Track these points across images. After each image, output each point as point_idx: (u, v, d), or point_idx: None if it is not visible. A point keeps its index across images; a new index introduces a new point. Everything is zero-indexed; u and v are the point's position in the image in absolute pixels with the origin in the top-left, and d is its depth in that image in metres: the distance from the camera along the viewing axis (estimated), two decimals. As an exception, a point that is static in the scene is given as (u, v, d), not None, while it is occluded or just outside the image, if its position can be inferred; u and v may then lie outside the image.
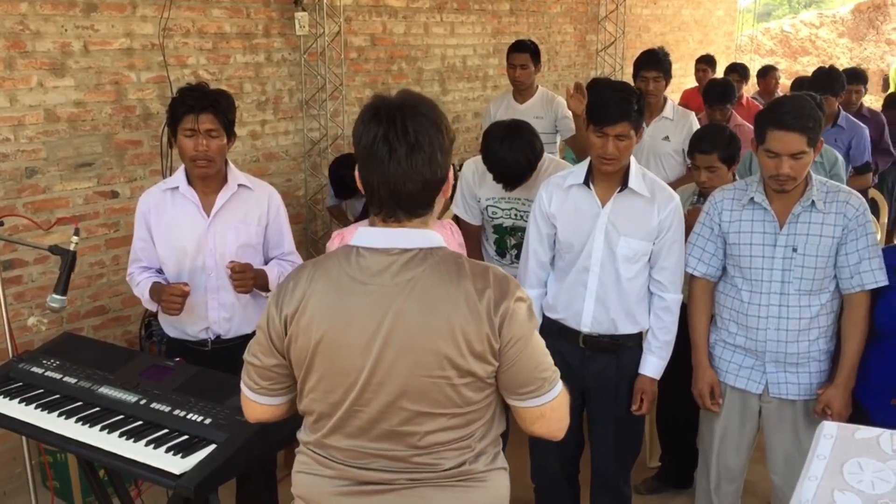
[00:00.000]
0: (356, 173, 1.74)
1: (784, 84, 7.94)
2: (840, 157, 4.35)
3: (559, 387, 1.78)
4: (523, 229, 3.32)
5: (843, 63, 14.10)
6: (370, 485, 1.76)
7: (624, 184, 2.81)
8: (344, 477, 1.78)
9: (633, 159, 2.84)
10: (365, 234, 1.72)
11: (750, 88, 10.12)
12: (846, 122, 5.26)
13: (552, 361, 1.77)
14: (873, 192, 5.84)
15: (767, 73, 7.88)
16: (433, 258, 1.68)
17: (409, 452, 1.74)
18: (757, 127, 2.72)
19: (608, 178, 2.82)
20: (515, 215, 3.39)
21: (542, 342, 1.75)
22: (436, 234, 1.72)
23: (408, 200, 1.67)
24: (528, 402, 1.75)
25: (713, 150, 3.42)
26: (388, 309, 1.66)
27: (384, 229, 1.71)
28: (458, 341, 1.64)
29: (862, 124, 5.36)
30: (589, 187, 2.85)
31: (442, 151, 1.68)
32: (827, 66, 5.70)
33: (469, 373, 1.67)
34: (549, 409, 1.77)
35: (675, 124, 4.54)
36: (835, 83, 5.26)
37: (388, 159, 1.63)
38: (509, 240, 3.43)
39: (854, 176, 5.27)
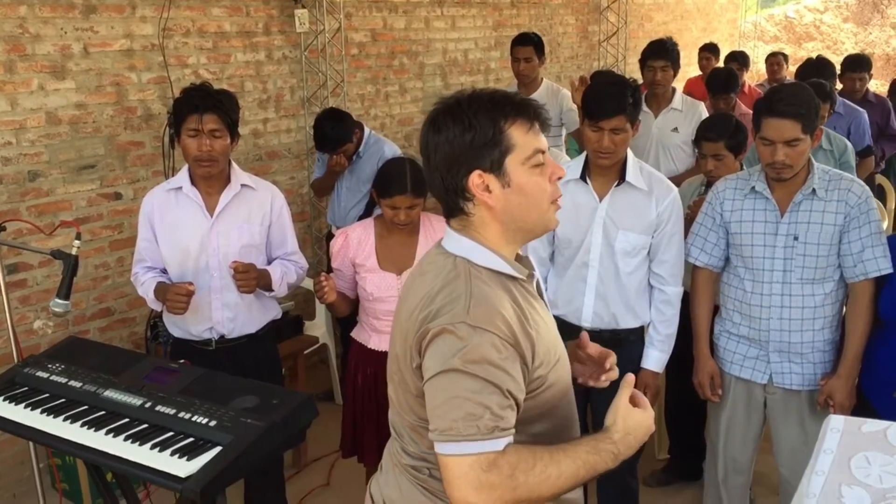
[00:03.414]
0: None
1: (791, 71, 7.89)
2: (850, 146, 4.32)
3: (450, 449, 1.46)
4: None
5: (847, 48, 14.02)
6: (391, 450, 1.81)
7: (621, 177, 2.79)
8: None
9: (630, 153, 2.83)
10: None
11: (754, 76, 10.07)
12: (844, 108, 5.22)
13: (463, 417, 1.45)
14: (880, 178, 5.80)
15: (768, 59, 7.85)
16: (447, 260, 1.62)
17: (395, 435, 1.77)
18: (754, 115, 2.73)
19: (605, 172, 2.81)
20: None
21: (459, 389, 1.47)
22: (469, 244, 1.61)
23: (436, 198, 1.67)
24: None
25: (720, 138, 3.43)
26: (408, 296, 1.68)
27: (447, 227, 1.69)
28: (404, 342, 1.61)
29: (860, 109, 5.32)
30: (586, 182, 2.84)
31: (438, 154, 1.58)
32: (814, 57, 5.64)
33: (407, 381, 1.62)
34: (440, 461, 1.49)
35: (683, 115, 4.52)
36: (824, 72, 5.20)
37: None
38: None
39: (856, 162, 5.23)
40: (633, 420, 1.59)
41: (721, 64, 7.22)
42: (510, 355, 1.50)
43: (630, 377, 1.64)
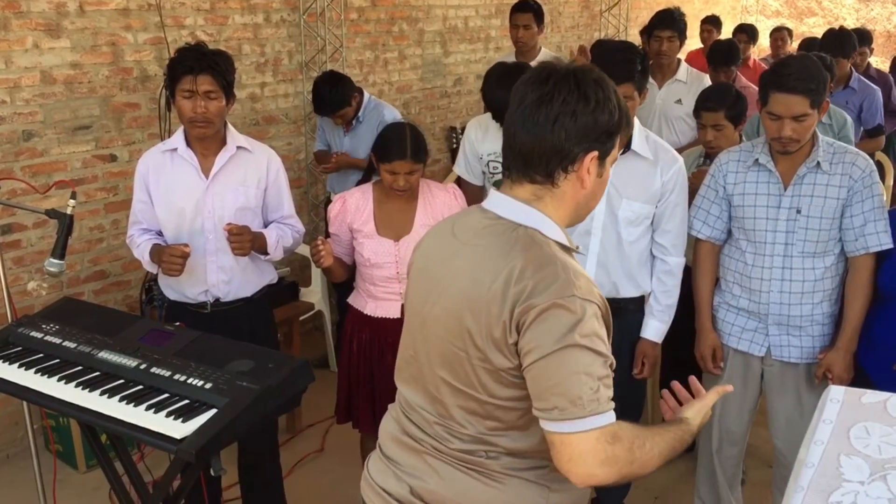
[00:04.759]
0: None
1: (793, 47, 7.81)
2: (849, 119, 4.29)
3: (577, 426, 1.46)
4: None
5: (849, 24, 13.91)
6: (408, 438, 1.77)
7: (627, 146, 2.76)
8: (399, 423, 1.81)
9: (636, 121, 2.79)
10: (490, 194, 1.71)
11: (755, 51, 9.96)
12: (858, 84, 5.18)
13: (587, 392, 1.45)
14: (879, 155, 5.77)
15: (773, 33, 7.77)
16: (514, 231, 1.59)
17: (435, 418, 1.71)
18: (761, 88, 2.69)
19: None
20: None
21: (580, 365, 1.46)
22: (538, 215, 1.60)
23: (520, 153, 1.60)
24: (542, 421, 1.51)
25: (719, 107, 3.41)
26: (450, 266, 1.65)
27: (498, 193, 1.67)
28: (481, 317, 1.56)
29: (875, 86, 5.28)
30: None
31: (576, 120, 1.54)
32: (837, 28, 5.60)
33: (485, 357, 1.57)
34: (559, 440, 1.48)
35: (688, 87, 4.46)
36: (845, 45, 5.18)
37: (517, 106, 1.60)
38: None
39: (865, 139, 5.20)
40: (707, 415, 1.76)
41: (724, 36, 7.14)
42: (603, 325, 1.54)
43: (729, 388, 1.85)
